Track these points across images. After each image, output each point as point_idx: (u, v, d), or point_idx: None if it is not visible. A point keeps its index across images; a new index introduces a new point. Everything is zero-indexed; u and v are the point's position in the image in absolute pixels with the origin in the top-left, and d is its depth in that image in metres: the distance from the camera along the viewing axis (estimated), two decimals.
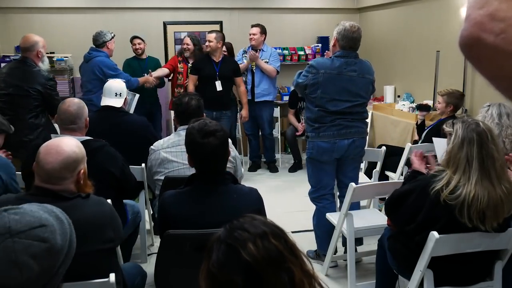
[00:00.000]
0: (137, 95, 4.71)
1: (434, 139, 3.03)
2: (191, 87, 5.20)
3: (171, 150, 2.93)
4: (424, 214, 2.27)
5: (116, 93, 3.65)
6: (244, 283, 1.06)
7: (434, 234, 2.20)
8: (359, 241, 3.62)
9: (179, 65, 5.56)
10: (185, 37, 5.69)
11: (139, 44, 5.73)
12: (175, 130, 3.13)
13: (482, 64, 0.69)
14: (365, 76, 3.35)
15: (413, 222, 2.33)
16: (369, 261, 3.64)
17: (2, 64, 5.96)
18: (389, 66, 6.23)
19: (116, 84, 3.73)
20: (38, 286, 1.25)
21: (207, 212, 2.12)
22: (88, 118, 2.89)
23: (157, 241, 3.47)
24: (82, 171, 1.95)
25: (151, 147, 3.02)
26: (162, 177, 2.89)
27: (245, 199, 2.19)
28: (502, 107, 3.12)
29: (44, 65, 4.00)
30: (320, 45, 6.76)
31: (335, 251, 3.41)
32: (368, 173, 4.33)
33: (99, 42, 4.91)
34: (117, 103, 3.62)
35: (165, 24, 6.69)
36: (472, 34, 0.67)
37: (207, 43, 5.25)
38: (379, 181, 3.72)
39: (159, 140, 3.07)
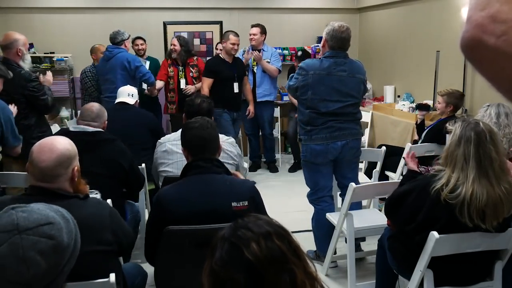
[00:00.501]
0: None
1: (447, 136, 3.07)
2: (206, 91, 5.07)
3: (177, 142, 3.02)
4: (424, 214, 2.27)
5: (129, 94, 4.08)
6: (246, 281, 1.07)
7: (434, 234, 2.20)
8: (361, 237, 3.62)
9: (169, 69, 5.44)
10: (172, 38, 5.64)
11: (141, 44, 5.72)
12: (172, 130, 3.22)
13: (483, 66, 0.69)
14: (355, 76, 3.33)
15: (413, 221, 2.32)
16: (369, 261, 3.64)
17: None
18: (389, 66, 6.23)
19: (128, 88, 4.16)
20: (44, 284, 1.25)
21: (202, 200, 2.16)
22: (106, 122, 3.14)
23: None
24: (76, 168, 1.93)
25: (159, 140, 3.18)
26: (165, 168, 2.99)
27: (238, 186, 2.24)
28: (501, 107, 3.13)
29: (26, 64, 3.86)
30: (320, 45, 6.76)
31: (335, 251, 3.40)
32: (368, 173, 4.33)
33: (117, 40, 5.02)
34: (131, 101, 4.06)
35: (165, 24, 6.69)
36: (473, 36, 0.67)
37: (235, 47, 5.19)
38: (379, 181, 3.72)
39: (167, 135, 3.28)
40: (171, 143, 3.06)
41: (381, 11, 6.49)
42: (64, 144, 1.92)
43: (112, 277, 1.78)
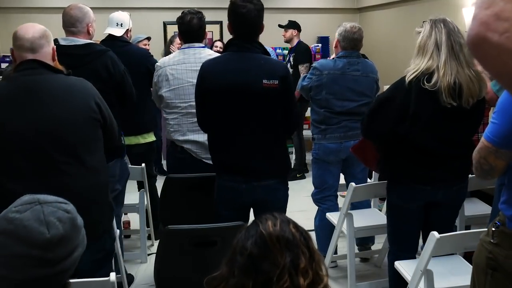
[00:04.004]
0: None
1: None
2: None
3: (176, 67, 3.06)
4: (413, 108, 2.32)
5: (117, 23, 3.73)
6: (252, 248, 1.16)
7: (435, 234, 2.19)
8: (371, 240, 3.66)
9: None
10: (173, 37, 5.56)
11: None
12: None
13: (487, 61, 0.73)
14: (369, 75, 3.37)
15: (404, 119, 2.35)
16: (371, 261, 3.64)
17: (3, 64, 5.97)
18: (389, 66, 6.23)
19: (118, 15, 3.81)
20: (57, 253, 1.32)
21: (235, 74, 2.39)
22: (90, 24, 2.96)
23: (157, 241, 3.48)
24: (53, 47, 2.13)
25: (157, 63, 3.19)
26: (166, 94, 3.07)
27: (272, 65, 2.46)
28: None
29: None
30: (320, 45, 6.76)
31: (336, 251, 3.41)
32: (368, 173, 4.32)
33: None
34: (118, 32, 3.68)
35: (165, 24, 6.69)
36: (478, 33, 0.71)
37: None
38: (379, 181, 3.72)
39: (164, 57, 3.26)
40: (170, 68, 3.06)
41: (381, 11, 6.49)
42: (41, 25, 2.13)
43: (112, 276, 1.79)
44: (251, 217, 2.65)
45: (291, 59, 5.75)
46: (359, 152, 2.86)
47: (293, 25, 5.70)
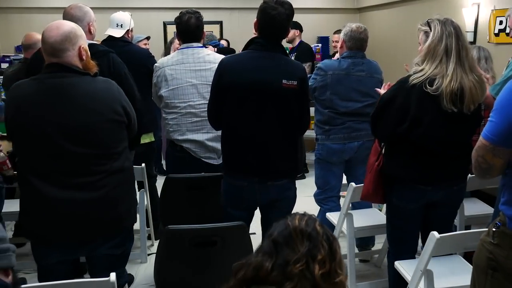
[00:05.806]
0: None
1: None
2: None
3: (175, 67, 3.06)
4: (414, 111, 2.32)
5: (117, 24, 3.71)
6: (276, 237, 1.26)
7: (435, 234, 2.19)
8: (372, 242, 3.65)
9: None
10: (173, 38, 5.54)
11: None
12: None
13: None
14: (373, 76, 3.37)
15: (404, 121, 2.35)
16: (371, 262, 3.64)
17: (3, 64, 5.97)
18: (389, 66, 6.22)
19: (118, 16, 3.78)
20: None
21: (255, 71, 2.39)
22: (91, 23, 2.96)
23: (157, 241, 3.48)
24: (82, 46, 2.11)
25: (156, 64, 3.17)
26: (165, 94, 3.06)
27: (291, 66, 2.49)
28: (481, 50, 3.17)
29: None
30: (320, 45, 6.75)
31: None
32: None
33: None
34: (118, 33, 3.65)
35: (165, 24, 6.68)
36: None
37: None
38: None
39: (162, 58, 3.24)
40: (169, 68, 3.05)
41: (381, 11, 6.49)
42: (70, 24, 2.13)
43: (113, 276, 1.79)
44: (255, 216, 2.66)
45: (293, 58, 5.76)
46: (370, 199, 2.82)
47: (295, 25, 5.70)
